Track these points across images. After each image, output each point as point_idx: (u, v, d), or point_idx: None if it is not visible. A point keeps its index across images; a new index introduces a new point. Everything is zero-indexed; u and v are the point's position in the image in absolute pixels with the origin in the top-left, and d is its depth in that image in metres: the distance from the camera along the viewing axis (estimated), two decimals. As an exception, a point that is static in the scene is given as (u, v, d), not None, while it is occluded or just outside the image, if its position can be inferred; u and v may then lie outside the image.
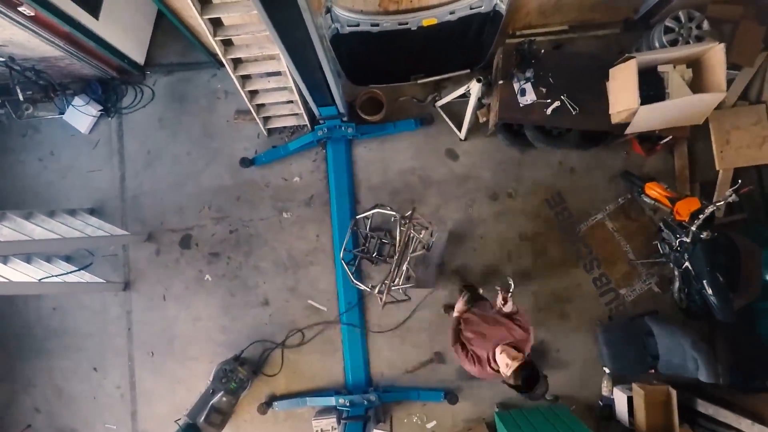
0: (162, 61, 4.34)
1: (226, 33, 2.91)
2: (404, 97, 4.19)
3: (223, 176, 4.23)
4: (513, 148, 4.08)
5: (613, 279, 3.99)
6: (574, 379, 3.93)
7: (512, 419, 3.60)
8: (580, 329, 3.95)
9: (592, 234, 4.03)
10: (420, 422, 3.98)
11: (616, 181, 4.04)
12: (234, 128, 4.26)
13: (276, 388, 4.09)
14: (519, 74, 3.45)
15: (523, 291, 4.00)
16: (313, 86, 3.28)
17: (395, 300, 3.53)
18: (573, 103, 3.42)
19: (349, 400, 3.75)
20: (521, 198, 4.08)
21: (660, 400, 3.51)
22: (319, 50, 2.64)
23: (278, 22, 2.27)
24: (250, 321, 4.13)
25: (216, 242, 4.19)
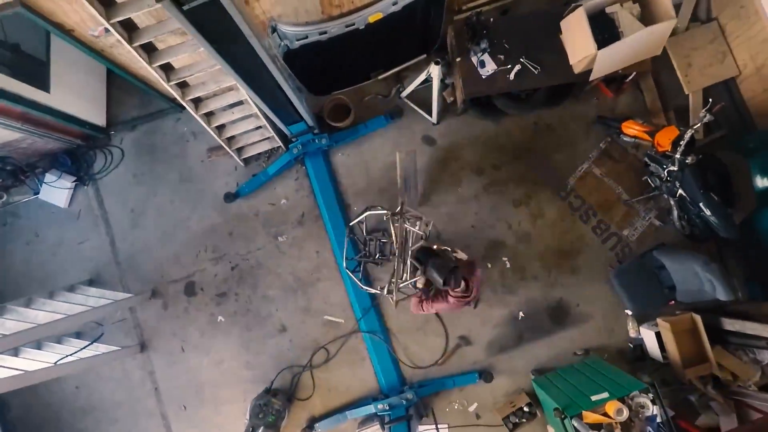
0: (123, 118, 4.31)
1: (179, 76, 2.90)
2: (369, 96, 4.19)
3: (211, 216, 4.22)
4: (486, 120, 4.11)
5: (612, 223, 4.02)
6: (600, 329, 3.96)
7: (549, 381, 3.62)
8: (593, 280, 3.98)
9: (582, 184, 4.06)
10: (462, 407, 3.99)
11: (593, 129, 4.07)
12: (210, 166, 4.25)
13: (313, 410, 4.08)
14: (474, 48, 3.47)
15: (529, 255, 4.03)
16: (276, 108, 3.27)
17: (407, 296, 3.53)
18: (533, 63, 3.44)
19: (388, 404, 3.74)
20: (506, 166, 4.10)
21: (687, 329, 3.55)
22: (274, 72, 2.63)
23: (227, 54, 2.27)
24: (272, 351, 4.11)
25: (220, 282, 4.17)
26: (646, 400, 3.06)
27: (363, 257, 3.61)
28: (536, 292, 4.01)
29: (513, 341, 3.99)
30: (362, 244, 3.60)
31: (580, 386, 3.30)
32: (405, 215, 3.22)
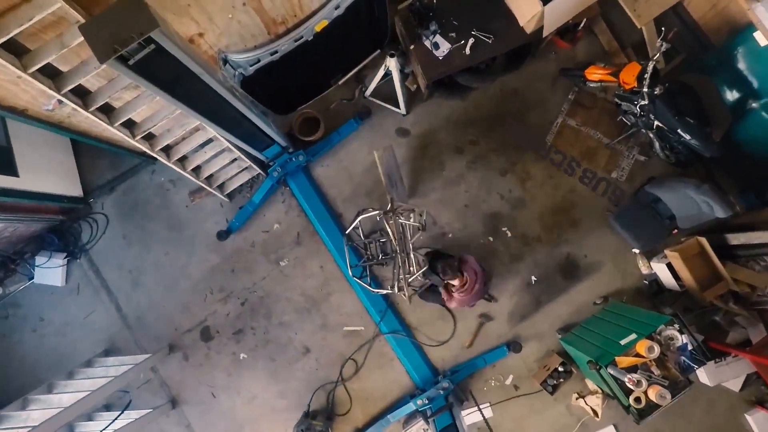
0: (99, 183, 4.27)
1: (142, 129, 2.88)
2: (334, 103, 4.19)
3: (209, 258, 4.19)
4: (454, 99, 4.12)
5: (598, 170, 4.06)
6: (613, 274, 3.99)
7: (576, 337, 3.65)
8: (594, 228, 4.01)
9: (561, 139, 4.09)
10: (498, 383, 4.00)
11: (558, 83, 4.10)
12: (196, 209, 4.22)
13: (356, 421, 4.07)
14: (425, 32, 3.48)
15: (527, 219, 4.05)
16: (246, 137, 3.26)
17: (418, 290, 3.54)
18: (485, 34, 3.46)
19: (426, 398, 3.75)
20: (483, 139, 4.12)
21: (695, 253, 3.59)
22: (234, 103, 2.62)
23: (184, 97, 2.25)
24: (301, 374, 4.10)
25: (234, 320, 4.15)
26: (673, 332, 3.09)
27: (367, 261, 3.61)
28: (543, 254, 4.03)
29: (532, 306, 4.01)
30: (363, 248, 3.61)
31: (608, 334, 3.33)
32: (397, 211, 3.22)
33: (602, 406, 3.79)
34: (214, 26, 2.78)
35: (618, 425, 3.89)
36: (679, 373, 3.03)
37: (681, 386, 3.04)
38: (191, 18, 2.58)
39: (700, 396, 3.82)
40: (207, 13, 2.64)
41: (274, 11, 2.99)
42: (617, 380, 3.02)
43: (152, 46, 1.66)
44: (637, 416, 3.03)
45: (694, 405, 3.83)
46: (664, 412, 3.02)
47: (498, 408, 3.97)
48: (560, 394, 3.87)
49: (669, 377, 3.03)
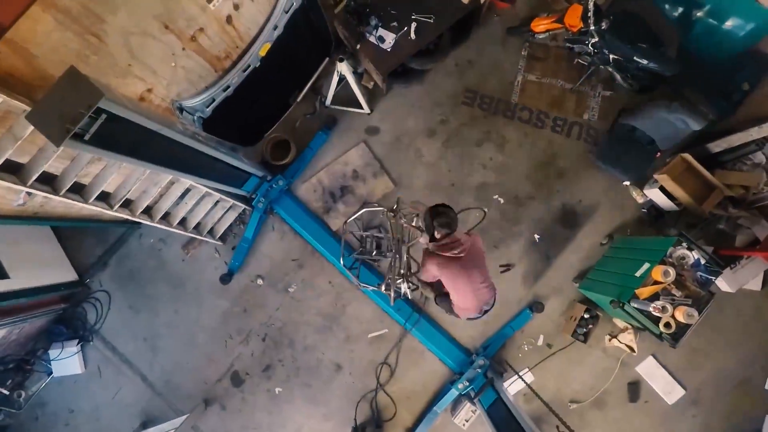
0: (90, 261, 4.23)
1: (118, 198, 2.85)
2: (298, 120, 4.17)
3: (218, 304, 4.17)
4: (413, 86, 4.13)
5: (567, 116, 4.08)
6: (612, 211, 4.02)
7: (593, 281, 3.68)
8: (581, 173, 4.04)
9: (526, 95, 4.11)
10: (531, 346, 4.02)
11: (508, 43, 4.12)
12: (193, 261, 4.20)
13: (404, 422, 4.08)
14: (367, 29, 3.48)
15: (515, 181, 4.07)
16: (222, 178, 3.24)
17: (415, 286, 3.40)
18: (425, 15, 3.46)
19: (466, 380, 3.76)
20: (451, 116, 4.13)
21: (683, 170, 3.63)
22: (201, 148, 2.61)
23: (148, 156, 2.23)
24: (339, 392, 4.10)
25: (259, 358, 4.14)
26: (683, 251, 3.12)
27: (360, 254, 3.59)
28: (539, 211, 4.05)
29: (543, 264, 4.04)
30: (359, 241, 3.60)
31: (622, 270, 3.36)
32: (401, 212, 3.20)
33: (636, 341, 3.83)
34: (160, 78, 2.75)
35: (656, 354, 3.94)
36: (700, 289, 3.07)
37: (705, 300, 3.08)
38: (135, 76, 2.56)
39: (726, 305, 3.86)
40: (149, 68, 2.61)
41: (215, 48, 2.97)
42: (643, 312, 3.05)
43: (103, 116, 1.64)
44: (671, 341, 3.06)
45: (722, 315, 3.88)
46: (695, 329, 3.06)
47: (537, 370, 3.99)
48: (593, 340, 3.91)
49: (691, 295, 3.07)
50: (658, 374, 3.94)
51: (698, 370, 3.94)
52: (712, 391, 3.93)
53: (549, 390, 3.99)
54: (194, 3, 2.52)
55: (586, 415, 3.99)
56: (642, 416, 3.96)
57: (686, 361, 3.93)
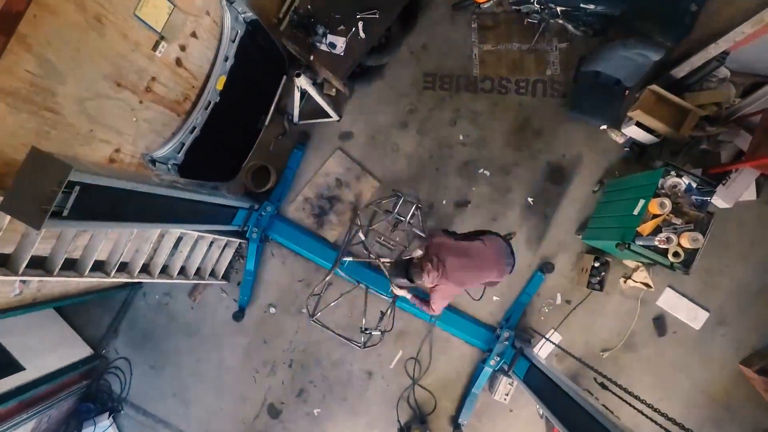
0: (101, 332, 4.19)
1: (113, 264, 2.82)
2: (271, 144, 4.15)
3: (237, 342, 4.16)
4: (374, 83, 4.12)
5: (530, 76, 4.09)
6: (596, 158, 4.03)
7: (594, 229, 3.71)
8: (557, 128, 4.06)
9: (487, 66, 4.11)
10: (551, 307, 4.05)
11: (456, 18, 4.12)
12: (202, 306, 4.18)
13: (447, 411, 4.09)
14: (315, 38, 3.47)
15: (496, 151, 4.08)
16: (210, 219, 3.23)
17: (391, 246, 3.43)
18: (369, 12, 3.46)
19: (496, 355, 3.77)
20: (419, 104, 4.13)
21: (654, 102, 3.64)
22: (181, 195, 2.60)
23: (131, 216, 2.22)
24: (376, 398, 4.10)
25: (291, 385, 4.13)
26: (673, 179, 3.14)
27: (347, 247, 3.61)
28: (526, 174, 4.07)
29: (542, 224, 4.06)
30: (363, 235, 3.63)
31: (619, 212, 3.39)
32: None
33: (650, 276, 3.87)
34: (124, 136, 2.73)
35: (672, 284, 3.97)
36: (698, 212, 3.10)
37: (706, 222, 3.11)
38: (100, 140, 2.54)
39: (728, 221, 3.91)
40: (112, 129, 2.59)
41: (172, 93, 2.95)
42: (649, 247, 3.08)
43: (77, 188, 1.63)
44: (683, 268, 3.09)
45: (726, 231, 3.92)
46: (704, 251, 3.08)
47: (562, 329, 4.02)
48: (608, 286, 3.94)
49: (691, 220, 3.10)
50: (679, 304, 3.98)
51: (716, 289, 3.98)
52: (735, 306, 3.97)
53: (578, 345, 4.02)
54: (140, 54, 2.51)
55: (619, 360, 4.03)
56: (674, 347, 4.00)
57: (703, 283, 3.97)
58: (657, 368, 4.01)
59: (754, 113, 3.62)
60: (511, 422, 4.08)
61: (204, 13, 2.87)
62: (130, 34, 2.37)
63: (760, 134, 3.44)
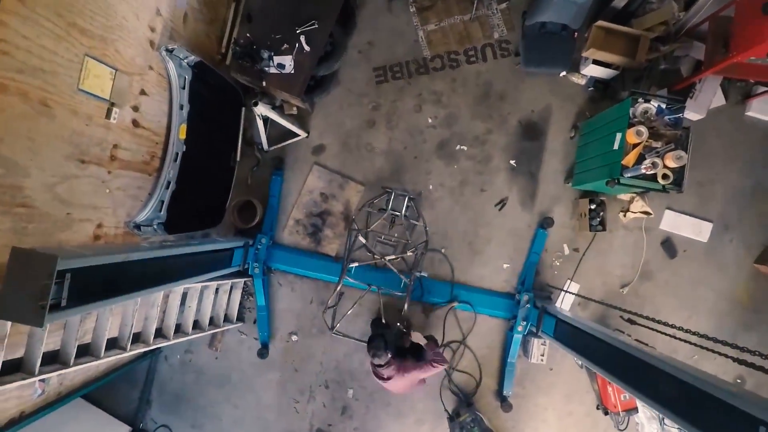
0: (132, 406, 4.18)
1: (126, 338, 2.80)
2: (248, 177, 4.13)
3: (269, 378, 4.14)
4: (332, 91, 4.11)
5: (477, 43, 4.09)
6: (564, 105, 4.07)
7: (580, 173, 3.74)
8: (518, 86, 4.08)
9: (435, 45, 4.11)
10: (561, 260, 4.08)
11: (393, 6, 4.11)
12: (225, 353, 4.16)
13: (489, 387, 4.12)
14: (262, 64, 3.44)
15: (467, 123, 4.09)
16: (208, 267, 3.21)
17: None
18: (307, 24, 3.44)
19: (521, 320, 3.80)
20: (380, 99, 4.12)
21: (604, 36, 3.67)
22: (175, 251, 2.58)
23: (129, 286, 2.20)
24: (418, 394, 4.10)
25: (332, 405, 4.14)
26: (642, 105, 3.16)
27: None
28: (501, 139, 4.09)
29: (530, 182, 4.08)
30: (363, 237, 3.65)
31: (600, 150, 3.43)
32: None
33: (647, 204, 3.91)
34: (103, 210, 2.71)
35: (670, 206, 4.03)
36: (674, 130, 3.14)
37: (684, 138, 3.15)
38: (79, 221, 2.51)
39: (705, 130, 3.96)
40: (88, 206, 2.57)
41: (137, 155, 2.93)
42: (638, 177, 3.11)
43: (68, 275, 1.61)
44: (675, 188, 3.12)
45: (707, 140, 3.98)
46: (691, 166, 3.12)
47: (577, 277, 4.06)
48: (610, 224, 3.98)
49: (671, 140, 3.13)
50: (681, 222, 4.03)
51: (713, 199, 4.04)
52: (735, 210, 4.04)
53: (597, 288, 4.07)
54: (96, 126, 2.48)
55: (639, 291, 4.08)
56: (688, 265, 4.06)
57: (698, 197, 4.03)
58: (677, 289, 4.07)
59: (701, 22, 3.67)
60: (554, 380, 4.11)
61: (147, 69, 2.84)
62: (80, 109, 2.34)
63: (711, 40, 3.48)
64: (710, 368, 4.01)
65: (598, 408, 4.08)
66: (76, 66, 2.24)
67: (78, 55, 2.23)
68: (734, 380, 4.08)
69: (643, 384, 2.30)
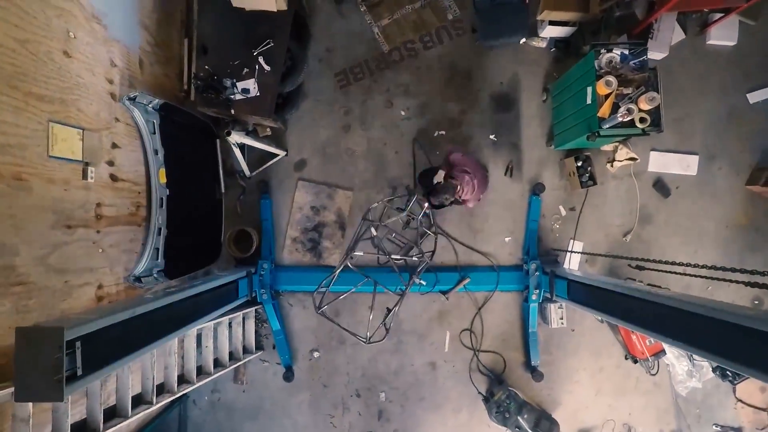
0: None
1: (150, 391, 2.78)
2: (236, 206, 4.10)
3: (300, 400, 4.14)
4: (301, 105, 4.09)
5: (431, 29, 4.09)
6: (530, 71, 4.08)
7: (561, 133, 3.76)
8: (482, 62, 4.09)
9: (392, 38, 4.10)
10: (559, 222, 4.11)
11: (344, 10, 4.10)
12: (251, 384, 4.15)
13: (517, 360, 4.14)
14: (227, 92, 3.42)
15: (439, 108, 4.10)
16: (217, 304, 3.19)
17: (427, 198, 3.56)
18: (263, 45, 3.42)
19: (534, 287, 3.81)
20: (351, 103, 4.11)
21: (555, -5, 3.71)
22: (180, 295, 2.55)
23: (140, 341, 2.18)
24: (449, 383, 4.13)
25: (367, 411, 4.14)
26: (605, 56, 3.18)
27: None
28: (476, 117, 4.10)
29: (513, 152, 4.10)
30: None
31: (574, 107, 3.45)
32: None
33: (631, 150, 3.94)
34: (100, 271, 2.69)
35: (653, 147, 4.07)
36: (642, 73, 3.16)
37: (653, 79, 3.17)
38: (78, 286, 2.49)
39: (671, 67, 4.00)
40: (84, 270, 2.55)
41: (122, 209, 2.91)
42: (616, 126, 3.14)
43: (78, 344, 1.59)
44: (655, 128, 3.15)
45: (675, 77, 4.02)
46: (665, 105, 3.15)
47: (579, 235, 4.09)
48: (599, 177, 4.01)
49: (640, 83, 3.16)
50: (668, 160, 4.07)
51: (693, 132, 4.08)
52: (716, 138, 4.08)
53: (600, 241, 4.10)
54: (75, 189, 2.46)
55: (642, 236, 4.11)
56: (683, 201, 4.10)
57: (678, 132, 4.07)
58: (678, 227, 4.11)
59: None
60: (579, 340, 4.14)
61: (114, 122, 2.82)
62: (55, 176, 2.32)
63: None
64: (726, 297, 4.10)
65: (626, 358, 4.11)
66: (42, 134, 2.22)
67: (42, 123, 2.21)
68: (752, 303, 4.13)
69: (664, 327, 2.32)
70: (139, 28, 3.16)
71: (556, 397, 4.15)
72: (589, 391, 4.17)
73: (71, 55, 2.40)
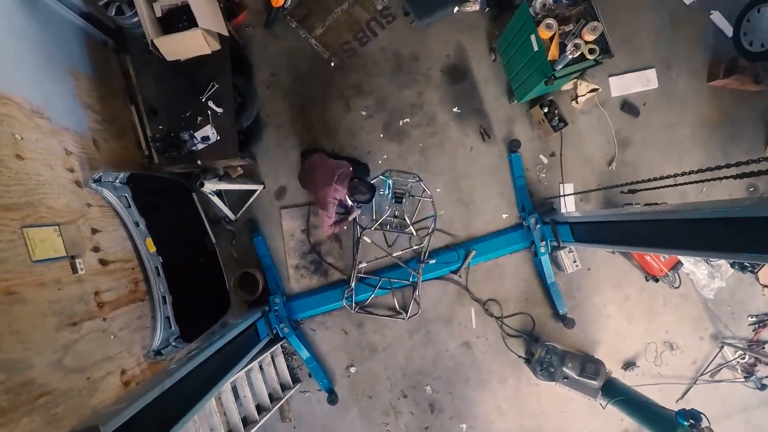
0: None
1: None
2: (232, 252, 4.08)
3: (350, 417, 4.16)
4: (264, 135, 4.07)
5: (362, 24, 4.08)
6: (472, 37, 4.09)
7: (519, 87, 3.77)
8: (426, 40, 4.08)
9: (330, 45, 4.09)
10: (545, 170, 4.13)
11: (278, 32, 4.07)
12: (299, 418, 4.15)
13: (545, 314, 4.18)
14: (188, 145, 3.40)
15: (397, 98, 4.10)
16: (241, 351, 3.18)
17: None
18: (209, 89, 3.39)
19: (540, 241, 3.84)
20: (312, 117, 4.09)
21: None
22: (203, 356, 2.54)
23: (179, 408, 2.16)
24: (487, 357, 4.16)
25: (419, 409, 4.17)
26: (538, 1, 3.19)
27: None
28: (436, 95, 4.11)
29: (480, 117, 4.12)
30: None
31: (524, 58, 3.47)
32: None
33: (590, 82, 3.97)
34: (118, 356, 2.66)
35: (611, 72, 4.11)
36: (577, 5, 3.17)
37: (589, 8, 3.17)
38: (101, 379, 2.46)
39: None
40: (102, 360, 2.52)
41: (122, 290, 2.88)
42: (569, 64, 3.16)
43: (119, 433, 1.58)
44: (606, 55, 3.17)
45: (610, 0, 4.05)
46: (608, 30, 3.16)
47: (566, 177, 4.13)
48: (568, 116, 4.04)
49: (579, 16, 3.18)
50: (627, 82, 4.12)
51: (641, 47, 4.12)
52: (666, 47, 4.12)
53: (588, 177, 4.14)
54: (68, 285, 2.43)
55: (626, 159, 4.16)
56: (654, 114, 4.14)
57: (629, 52, 4.11)
58: (657, 141, 4.16)
59: None
60: (597, 277, 4.18)
61: (86, 208, 2.78)
62: (45, 279, 2.28)
63: None
64: (722, 193, 4.16)
65: (647, 280, 4.16)
66: (19, 242, 2.18)
67: (15, 231, 2.18)
68: (747, 192, 4.19)
69: (673, 240, 2.35)
70: (83, 110, 3.12)
71: (593, 337, 4.20)
72: (622, 322, 4.22)
73: (24, 157, 2.37)
